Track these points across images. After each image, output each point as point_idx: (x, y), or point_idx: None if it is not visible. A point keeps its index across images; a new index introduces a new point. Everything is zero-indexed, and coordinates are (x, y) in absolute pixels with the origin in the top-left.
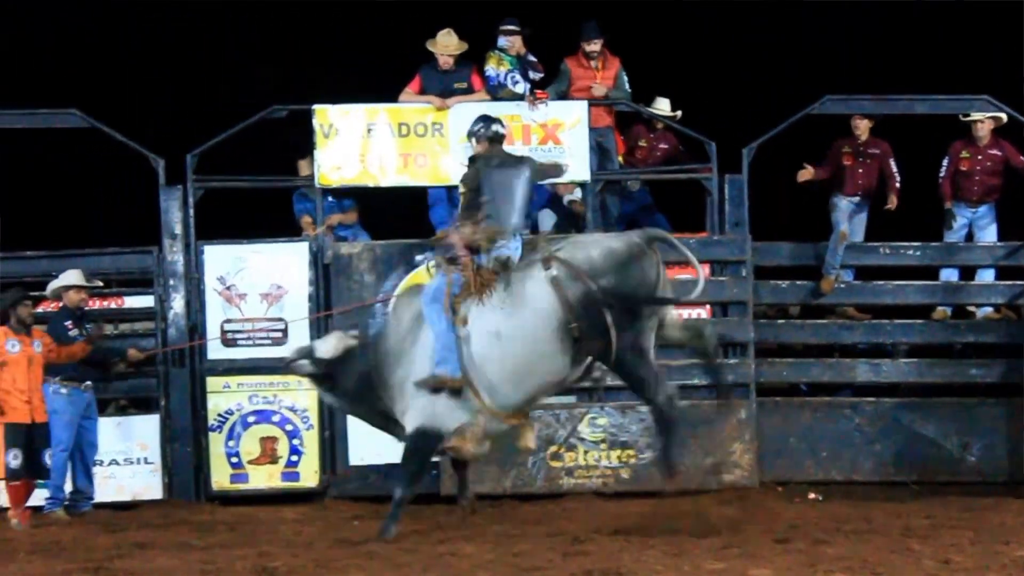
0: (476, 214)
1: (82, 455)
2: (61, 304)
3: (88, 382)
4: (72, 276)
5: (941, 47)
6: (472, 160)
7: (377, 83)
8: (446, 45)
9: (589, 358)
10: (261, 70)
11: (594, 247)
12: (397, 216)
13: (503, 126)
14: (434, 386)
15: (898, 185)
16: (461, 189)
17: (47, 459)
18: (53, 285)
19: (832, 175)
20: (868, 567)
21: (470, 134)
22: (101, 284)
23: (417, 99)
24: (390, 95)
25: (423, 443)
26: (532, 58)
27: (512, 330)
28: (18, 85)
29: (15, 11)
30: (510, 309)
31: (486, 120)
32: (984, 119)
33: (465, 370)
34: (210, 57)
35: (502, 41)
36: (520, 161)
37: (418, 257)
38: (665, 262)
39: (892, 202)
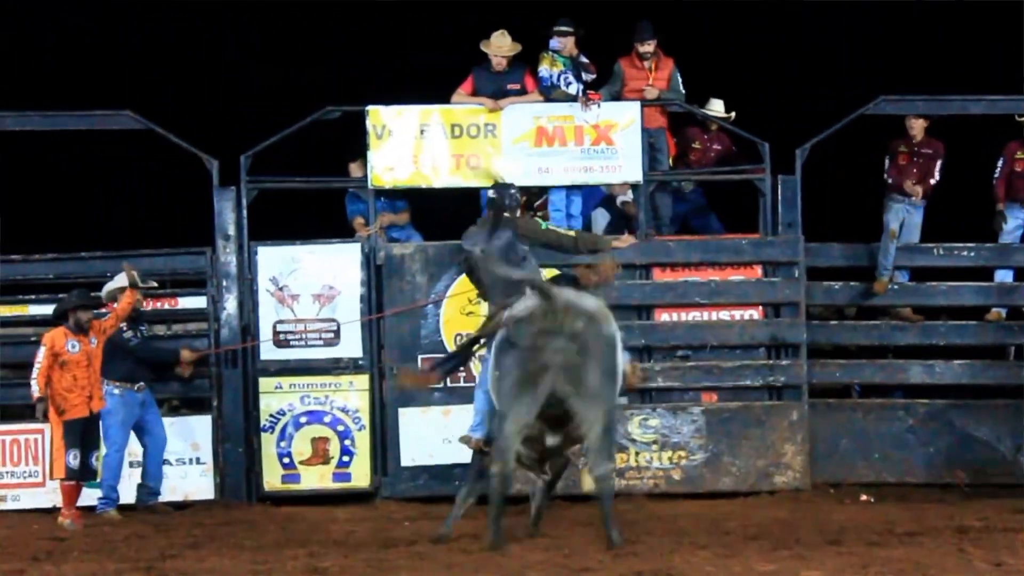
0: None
1: (147, 450)
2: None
3: (141, 383)
4: (125, 279)
5: (941, 47)
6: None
7: (430, 84)
8: (500, 46)
9: None
10: (314, 71)
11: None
12: (450, 217)
13: (512, 189)
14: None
15: (933, 182)
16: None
17: (92, 461)
18: (108, 287)
19: (889, 175)
20: (920, 569)
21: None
22: (156, 285)
23: (469, 100)
24: (443, 96)
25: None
26: (584, 59)
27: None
28: (72, 87)
29: (70, 15)
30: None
31: (498, 188)
32: None
33: None
34: (264, 58)
35: (554, 43)
36: (510, 221)
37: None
38: (718, 263)
39: (916, 192)
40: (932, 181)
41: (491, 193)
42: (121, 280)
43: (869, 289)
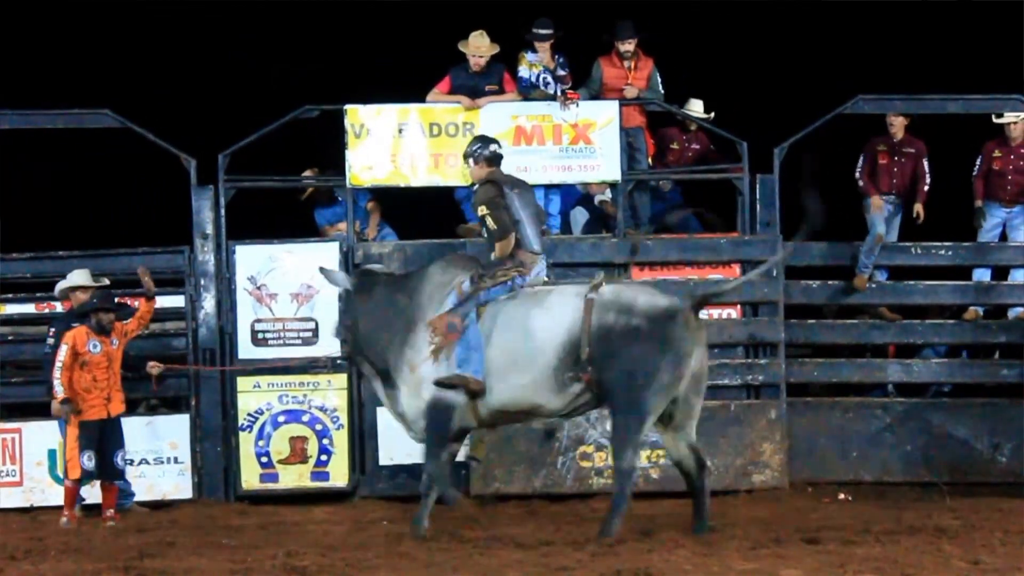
0: (510, 237)
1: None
2: (71, 305)
3: None
4: (78, 276)
5: (941, 47)
6: (488, 181)
7: (408, 83)
8: (478, 46)
9: (579, 391)
10: (293, 70)
11: (641, 293)
12: (427, 216)
13: (500, 146)
14: (455, 384)
15: (927, 188)
16: (483, 211)
17: (119, 460)
18: (61, 286)
19: (869, 174)
20: (898, 568)
21: (467, 155)
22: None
23: (447, 99)
24: (421, 95)
25: (439, 414)
26: (562, 72)
27: (527, 332)
28: (50, 85)
29: (47, 12)
30: (533, 316)
31: (483, 140)
32: (1017, 120)
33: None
34: (242, 57)
35: (532, 57)
36: (527, 185)
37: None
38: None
39: (918, 212)
40: (926, 181)
41: (497, 148)
42: (73, 278)
43: (848, 287)
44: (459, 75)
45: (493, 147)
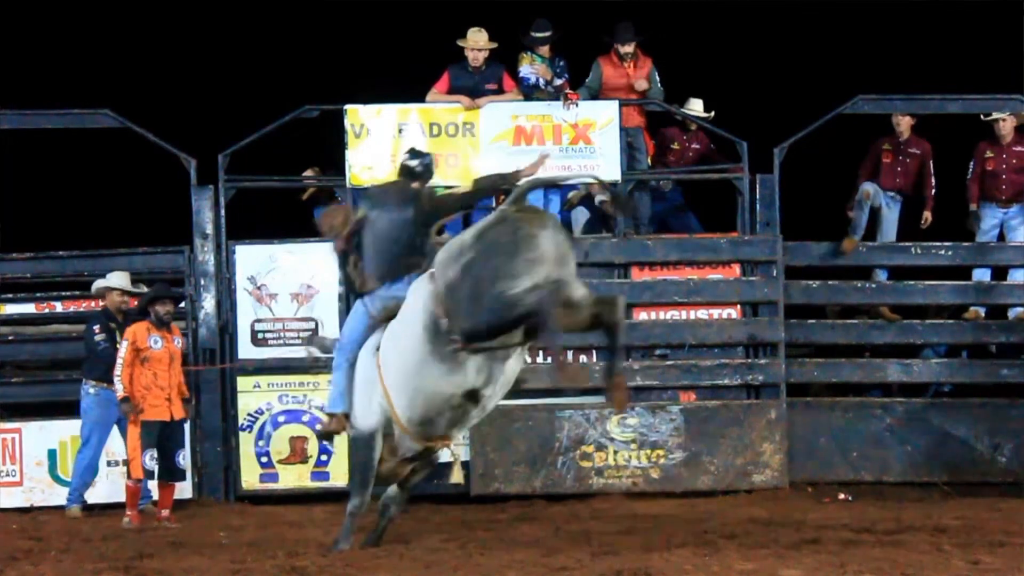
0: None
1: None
2: (103, 304)
3: None
4: (116, 278)
5: (941, 47)
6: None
7: (408, 84)
8: (476, 41)
9: (477, 362)
10: (292, 70)
11: (468, 231)
12: None
13: (419, 159)
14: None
15: (934, 191)
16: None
17: (180, 460)
18: (98, 284)
19: (871, 172)
20: (898, 568)
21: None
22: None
23: (446, 98)
24: (421, 95)
25: (360, 447)
26: (559, 80)
27: (401, 341)
28: (50, 85)
29: (47, 11)
30: (396, 323)
31: (408, 153)
32: (1005, 117)
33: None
34: (241, 57)
35: (527, 72)
36: (408, 201)
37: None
38: (696, 262)
39: (926, 219)
40: (932, 184)
41: (407, 160)
42: (111, 279)
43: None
44: (458, 73)
45: (406, 159)
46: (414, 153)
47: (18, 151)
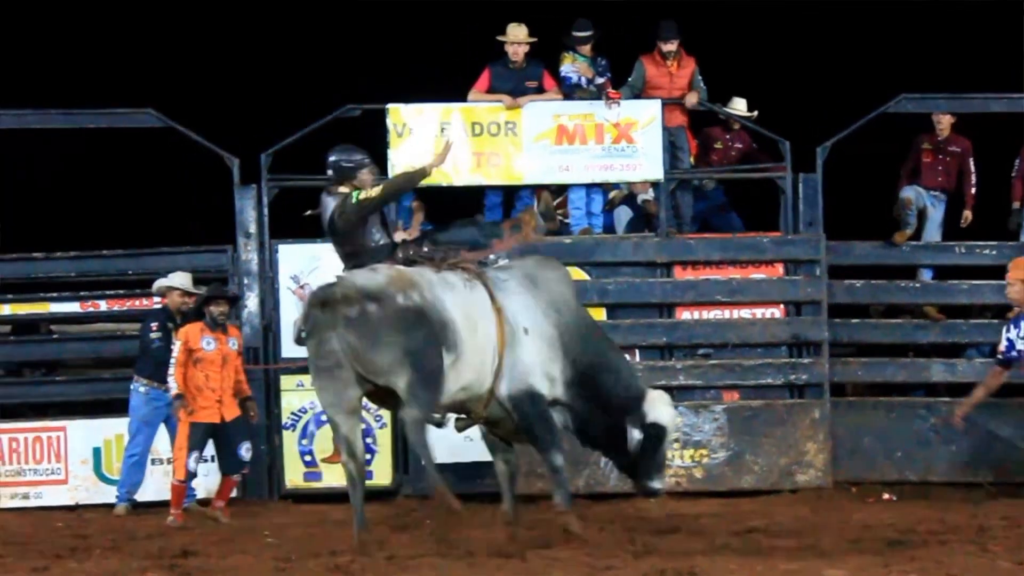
0: None
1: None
2: (164, 302)
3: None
4: (178, 278)
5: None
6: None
7: (450, 83)
8: (516, 35)
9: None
10: (335, 69)
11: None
12: (470, 215)
13: (343, 159)
14: None
15: (974, 189)
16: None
17: (244, 452)
18: (159, 283)
19: (911, 173)
20: (942, 568)
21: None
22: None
23: (488, 97)
24: (463, 95)
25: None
26: (600, 79)
27: None
28: (94, 85)
29: (92, 12)
30: None
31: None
32: None
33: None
34: (284, 57)
35: (568, 70)
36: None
37: None
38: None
39: (966, 217)
40: (972, 182)
41: (333, 157)
42: (173, 279)
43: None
44: (498, 72)
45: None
46: (341, 149)
47: (64, 151)
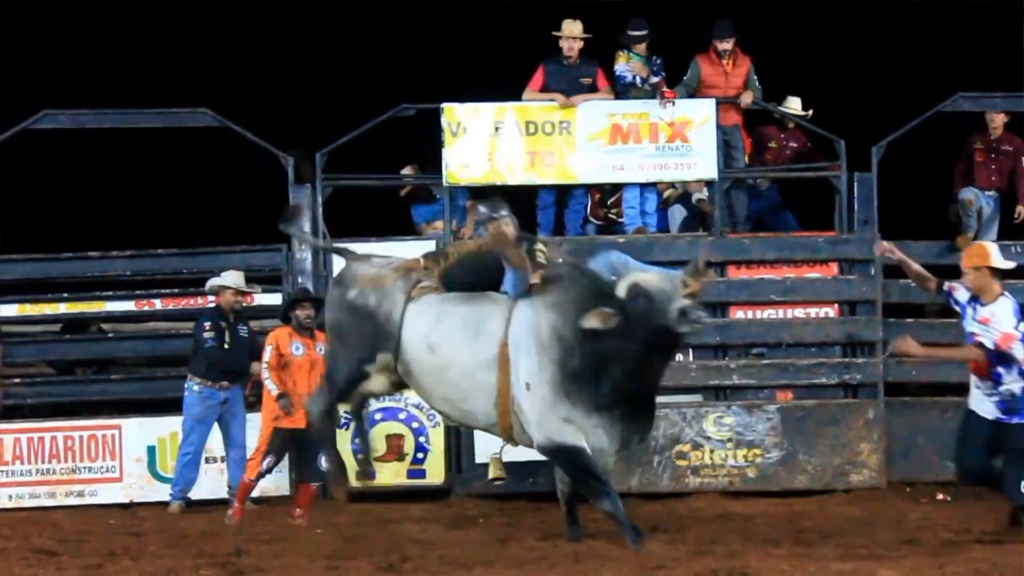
0: None
1: (226, 450)
2: (217, 301)
3: (224, 382)
4: (231, 277)
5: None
6: None
7: (504, 82)
8: (571, 30)
9: None
10: (390, 69)
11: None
12: (524, 214)
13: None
14: None
15: None
16: None
17: (323, 463)
18: (212, 282)
19: (965, 173)
20: (997, 569)
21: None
22: (258, 290)
23: (542, 96)
24: (517, 94)
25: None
26: (655, 78)
27: None
28: (150, 85)
29: (147, 12)
30: None
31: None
32: None
33: None
34: (339, 56)
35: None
36: None
37: None
38: (793, 260)
39: (1020, 212)
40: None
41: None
42: (225, 278)
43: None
44: (552, 70)
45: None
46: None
47: (120, 150)
